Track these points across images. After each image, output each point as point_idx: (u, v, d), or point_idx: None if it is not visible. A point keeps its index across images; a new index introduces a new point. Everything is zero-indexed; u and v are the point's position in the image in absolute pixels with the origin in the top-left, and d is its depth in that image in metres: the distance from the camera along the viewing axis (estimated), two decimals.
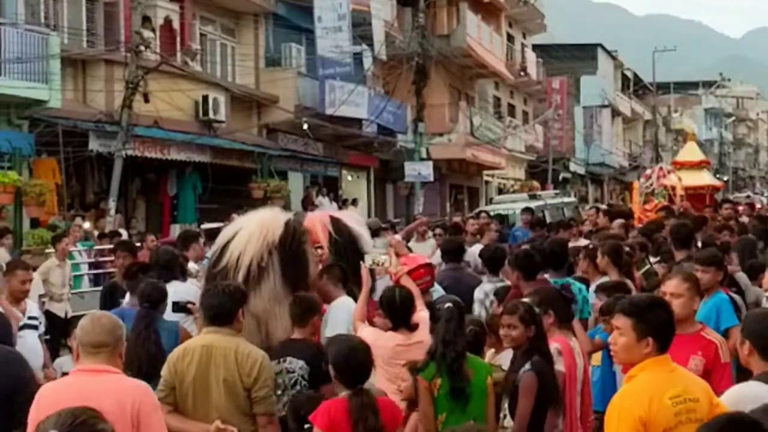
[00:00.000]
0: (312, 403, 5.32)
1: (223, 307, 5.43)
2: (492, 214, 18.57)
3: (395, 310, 6.21)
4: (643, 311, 4.39)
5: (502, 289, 7.75)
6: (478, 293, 8.41)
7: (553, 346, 5.76)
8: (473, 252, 11.02)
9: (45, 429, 3.11)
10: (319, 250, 7.75)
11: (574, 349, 6.03)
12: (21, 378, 5.18)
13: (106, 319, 4.58)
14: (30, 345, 7.60)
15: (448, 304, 5.78)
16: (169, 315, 7.14)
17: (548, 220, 17.44)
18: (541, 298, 6.07)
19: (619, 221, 13.73)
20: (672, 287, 5.84)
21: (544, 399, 5.48)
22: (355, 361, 5.07)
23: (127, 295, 8.17)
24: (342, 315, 6.87)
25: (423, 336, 6.07)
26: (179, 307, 7.41)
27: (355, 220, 8.79)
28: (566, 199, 23.81)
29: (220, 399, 5.31)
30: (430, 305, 6.69)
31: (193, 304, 7.45)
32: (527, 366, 5.48)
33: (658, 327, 4.37)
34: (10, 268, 8.17)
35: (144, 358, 6.52)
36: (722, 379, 5.48)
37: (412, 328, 6.15)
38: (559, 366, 5.73)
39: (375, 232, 13.32)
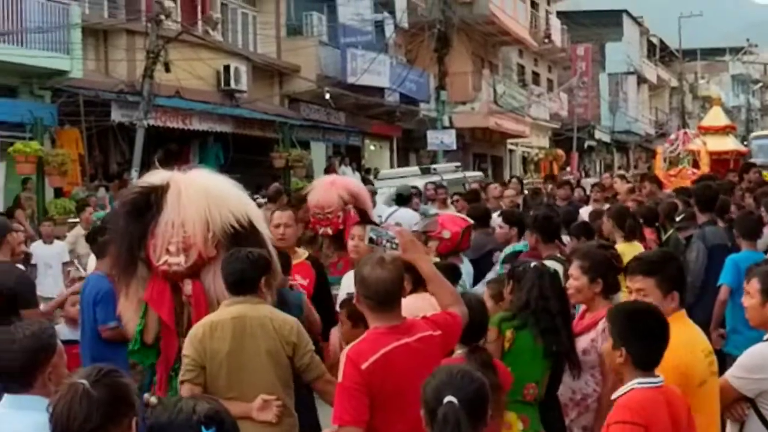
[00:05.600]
0: None
1: (246, 273, 5.04)
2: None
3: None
4: (663, 267, 4.40)
5: (510, 255, 7.61)
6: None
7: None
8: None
9: (73, 379, 3.12)
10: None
11: None
12: None
13: None
14: None
15: (534, 263, 5.56)
16: None
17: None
18: (591, 263, 5.48)
19: (625, 186, 13.68)
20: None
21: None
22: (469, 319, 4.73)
23: (91, 260, 8.11)
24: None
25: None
26: None
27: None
28: (469, 174, 21.07)
29: (262, 372, 4.94)
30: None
31: None
32: None
33: (678, 280, 4.37)
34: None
35: None
36: None
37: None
38: None
39: (407, 198, 13.07)
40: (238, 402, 4.78)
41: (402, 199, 12.97)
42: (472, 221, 8.22)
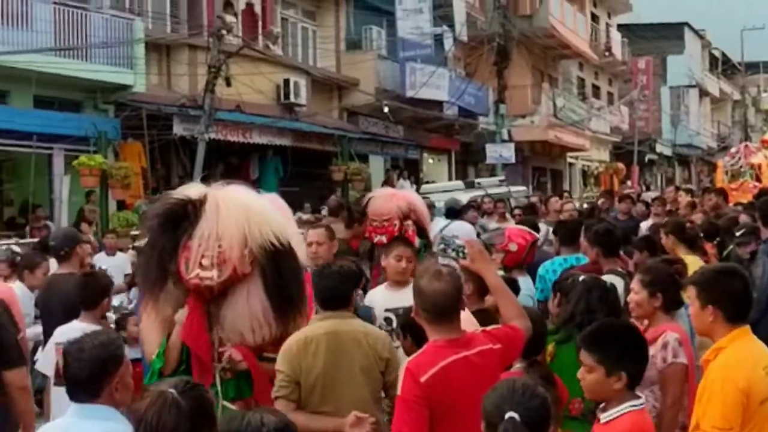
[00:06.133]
0: None
1: (339, 289, 5.04)
2: None
3: None
4: (707, 280, 4.35)
5: (567, 268, 7.54)
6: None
7: (673, 336, 5.22)
8: None
9: (160, 387, 3.18)
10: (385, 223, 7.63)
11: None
12: None
13: None
14: None
15: (583, 277, 5.49)
16: None
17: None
18: (651, 278, 5.42)
19: (686, 199, 13.48)
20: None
21: None
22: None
23: None
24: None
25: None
26: None
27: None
28: (514, 188, 20.92)
29: (355, 387, 4.89)
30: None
31: None
32: None
33: (722, 295, 4.27)
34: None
35: None
36: None
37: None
38: (682, 358, 5.19)
39: (457, 212, 13.00)
40: (332, 417, 4.79)
41: (452, 212, 12.93)
42: (537, 235, 8.17)
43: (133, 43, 19.01)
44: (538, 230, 9.46)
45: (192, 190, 5.25)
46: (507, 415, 3.08)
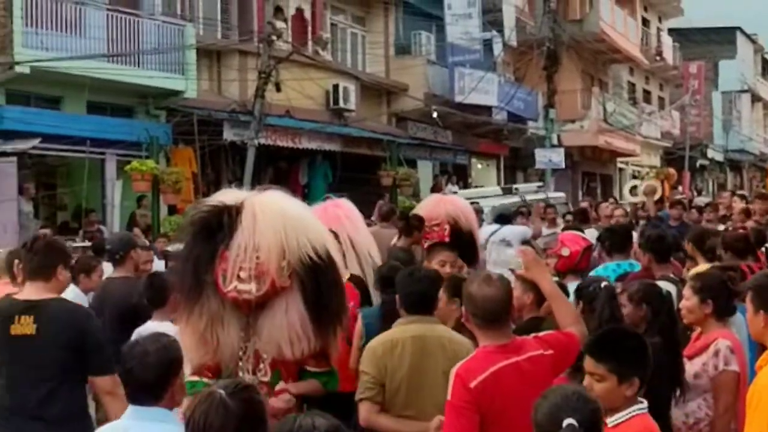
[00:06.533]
0: None
1: (428, 294, 5.08)
2: None
3: None
4: (760, 285, 4.35)
5: (621, 275, 7.47)
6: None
7: (725, 343, 5.17)
8: None
9: (211, 386, 3.21)
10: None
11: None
12: (85, 330, 5.15)
13: None
14: None
15: (605, 283, 5.41)
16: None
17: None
18: (702, 284, 5.37)
19: (740, 206, 13.33)
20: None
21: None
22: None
23: None
24: None
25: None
26: None
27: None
28: (552, 194, 20.34)
29: (438, 391, 4.69)
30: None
31: None
32: None
33: None
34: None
35: None
36: None
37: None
38: (734, 366, 5.13)
39: (507, 218, 13.03)
40: (416, 420, 4.81)
41: (503, 218, 12.95)
42: (592, 242, 8.12)
43: (185, 49, 19.18)
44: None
45: (228, 196, 5.13)
46: (565, 422, 3.06)
